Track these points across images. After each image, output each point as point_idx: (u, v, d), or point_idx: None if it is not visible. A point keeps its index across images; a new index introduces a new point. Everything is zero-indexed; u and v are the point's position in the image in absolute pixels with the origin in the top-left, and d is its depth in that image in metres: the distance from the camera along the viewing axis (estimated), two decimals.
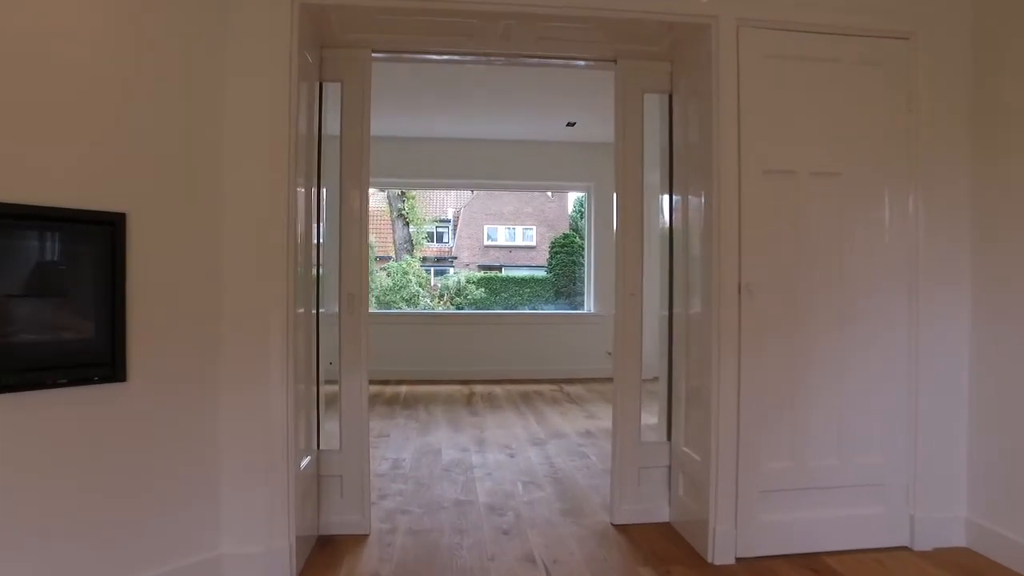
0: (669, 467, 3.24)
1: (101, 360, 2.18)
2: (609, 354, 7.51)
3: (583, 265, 20.16)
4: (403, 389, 7.14)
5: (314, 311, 3.16)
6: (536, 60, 3.45)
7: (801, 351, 2.80)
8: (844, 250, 2.82)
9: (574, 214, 25.60)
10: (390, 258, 16.16)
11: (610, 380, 7.35)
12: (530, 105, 6.61)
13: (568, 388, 7.29)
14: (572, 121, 7.16)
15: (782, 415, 2.79)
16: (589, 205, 8.10)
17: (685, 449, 3.06)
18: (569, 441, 4.90)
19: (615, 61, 3.28)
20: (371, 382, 6.77)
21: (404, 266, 11.54)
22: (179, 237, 2.38)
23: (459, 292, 12.37)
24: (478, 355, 7.87)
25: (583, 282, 20.14)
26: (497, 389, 7.21)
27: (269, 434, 2.51)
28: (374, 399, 6.54)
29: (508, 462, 4.31)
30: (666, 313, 3.48)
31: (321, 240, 3.24)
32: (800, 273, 2.80)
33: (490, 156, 7.83)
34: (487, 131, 7.51)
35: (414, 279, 11.38)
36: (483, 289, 18.72)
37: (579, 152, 7.95)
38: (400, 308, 11.11)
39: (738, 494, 2.74)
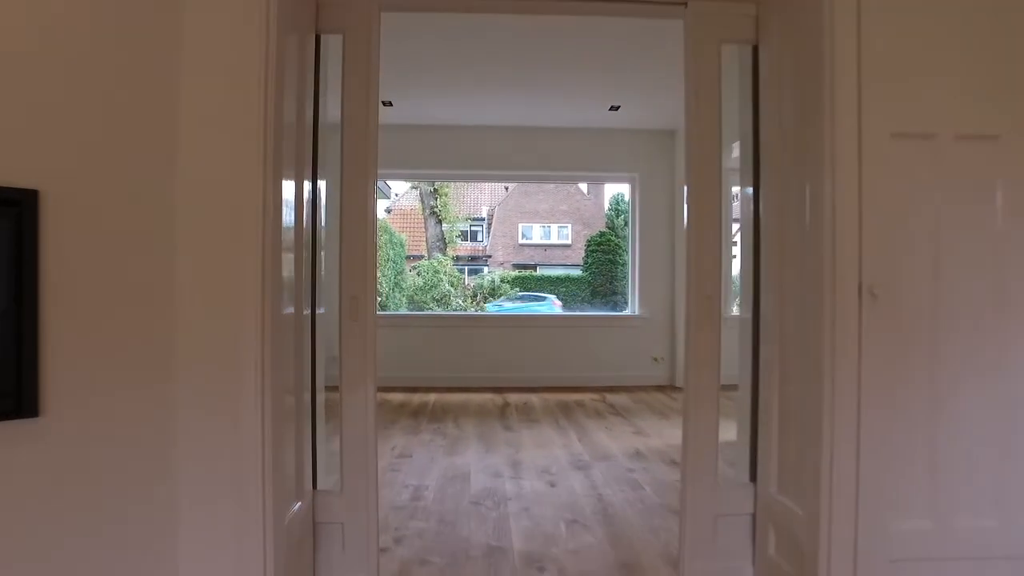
0: (754, 515, 2.56)
1: (1, 389, 1.59)
2: (656, 360, 6.81)
3: (620, 264, 19.46)
4: (432, 398, 6.54)
5: (308, 314, 2.51)
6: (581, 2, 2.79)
7: (944, 373, 2.08)
8: (1002, 238, 2.11)
9: (610, 212, 24.88)
10: (422, 257, 15.65)
11: (657, 389, 6.62)
12: (569, 86, 5.95)
13: (611, 398, 6.61)
14: (616, 105, 6.48)
15: (917, 457, 2.08)
16: (633, 198, 7.41)
17: (780, 498, 2.37)
18: (617, 465, 4.23)
19: (684, 4, 2.59)
20: (398, 390, 6.17)
21: (435, 265, 10.96)
22: (119, 225, 1.78)
23: (493, 292, 11.75)
24: (513, 360, 7.24)
25: (621, 281, 19.43)
26: (533, 399, 6.56)
27: (239, 479, 1.91)
28: (399, 410, 5.94)
29: (548, 492, 3.66)
30: (748, 316, 2.76)
31: (322, 237, 2.62)
32: (942, 270, 2.09)
33: (525, 145, 7.19)
34: (522, 117, 6.87)
35: (445, 278, 10.79)
36: (517, 288, 18.11)
37: (622, 140, 7.27)
38: (431, 309, 10.55)
39: (857, 563, 2.04)
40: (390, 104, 6.45)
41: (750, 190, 2.73)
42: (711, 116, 2.61)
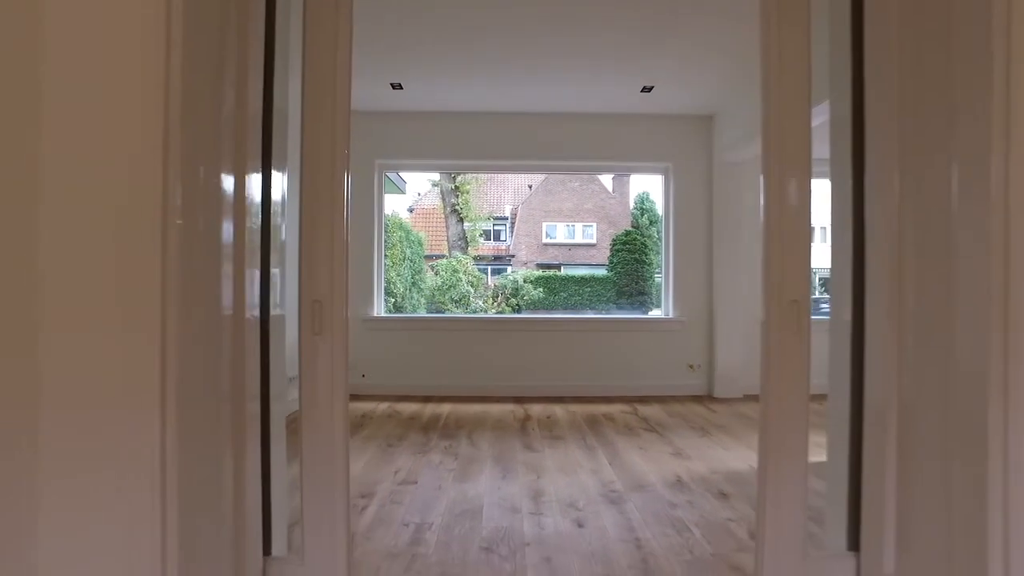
0: None
1: None
2: (691, 368, 6.12)
3: (647, 264, 18.72)
4: (446, 409, 5.93)
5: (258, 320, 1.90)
6: None
7: None
8: None
9: (635, 211, 24.16)
10: (444, 256, 15.09)
11: (694, 400, 5.83)
12: (597, 64, 5.29)
13: (643, 410, 5.94)
14: (648, 86, 5.81)
15: None
16: (667, 190, 6.72)
17: None
18: (656, 497, 3.57)
19: None
20: (411, 400, 5.55)
21: (454, 264, 10.36)
22: None
23: (515, 292, 11.14)
24: (535, 367, 6.61)
25: (647, 281, 18.66)
26: (557, 410, 5.92)
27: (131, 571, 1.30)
28: (409, 424, 5.34)
29: (574, 535, 3.01)
30: (846, 321, 2.10)
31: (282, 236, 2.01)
32: None
33: (548, 133, 6.56)
34: (545, 102, 6.24)
35: (464, 278, 10.19)
36: (541, 289, 17.52)
37: (654, 126, 6.60)
38: (450, 311, 9.96)
39: None
40: (400, 87, 5.86)
41: (847, 168, 2.06)
42: (798, 52, 1.95)
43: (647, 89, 5.89)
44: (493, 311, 10.26)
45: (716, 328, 6.53)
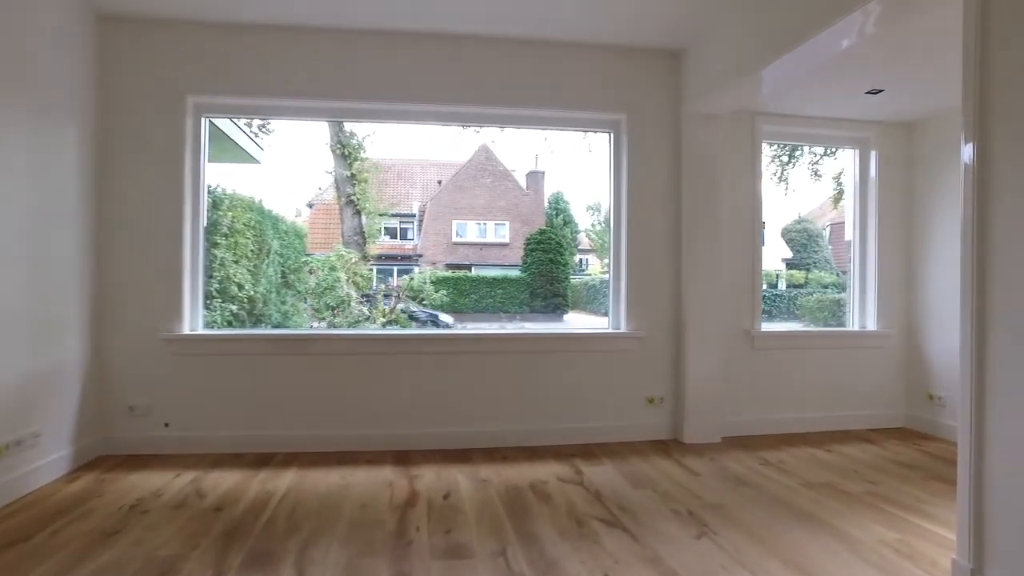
0: None
1: None
2: (652, 402, 4.07)
3: (562, 264, 16.82)
4: (284, 482, 3.61)
5: None
6: None
7: None
8: None
9: (549, 211, 22.41)
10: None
11: (656, 447, 3.64)
12: None
13: (591, 474, 3.82)
14: None
15: None
16: (617, 153, 4.65)
17: None
18: None
19: None
20: (237, 463, 3.16)
21: (332, 260, 7.95)
22: None
23: (415, 296, 8.86)
24: (431, 405, 4.38)
25: (562, 283, 16.77)
26: (461, 479, 3.71)
27: None
28: (210, 522, 2.97)
29: None
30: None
31: None
32: None
33: (446, 65, 4.35)
34: (443, 18, 4.03)
35: (345, 277, 7.82)
36: (450, 290, 15.24)
37: (600, 62, 4.52)
38: (324, 319, 7.55)
39: None
40: None
41: None
42: None
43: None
44: (383, 319, 7.92)
45: (686, 347, 4.52)
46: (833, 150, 12.45)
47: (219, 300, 5.45)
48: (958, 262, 4.79)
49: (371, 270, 10.49)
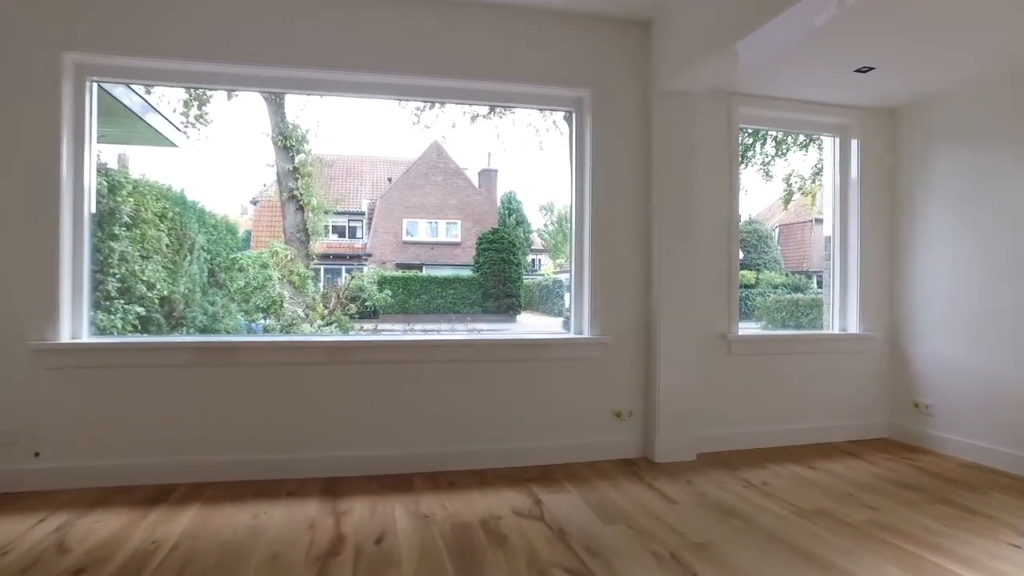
0: None
1: None
2: (620, 416, 3.51)
3: (515, 264, 16.35)
4: (179, 526, 2.89)
5: None
6: None
7: None
8: None
9: (502, 210, 21.87)
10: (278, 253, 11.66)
11: (624, 467, 3.34)
12: None
13: (553, 505, 3.23)
14: None
15: None
16: (580, 134, 4.07)
17: None
18: None
19: None
20: (126, 499, 2.46)
21: (263, 257, 7.15)
22: None
23: (356, 297, 8.14)
24: (365, 419, 3.71)
25: (515, 283, 16.26)
26: (397, 513, 3.06)
27: None
28: None
29: None
30: None
31: None
32: None
33: (388, 29, 3.70)
34: None
35: (278, 276, 7.05)
36: (398, 290, 14.57)
37: (563, 32, 3.93)
38: (257, 322, 6.77)
39: None
40: None
41: None
42: None
43: None
44: (320, 323, 7.18)
45: (657, 353, 3.97)
46: (783, 152, 12.26)
47: (122, 301, 4.65)
48: (947, 258, 4.48)
49: (314, 269, 9.68)
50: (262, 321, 6.41)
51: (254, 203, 20.66)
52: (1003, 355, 3.89)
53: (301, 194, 13.25)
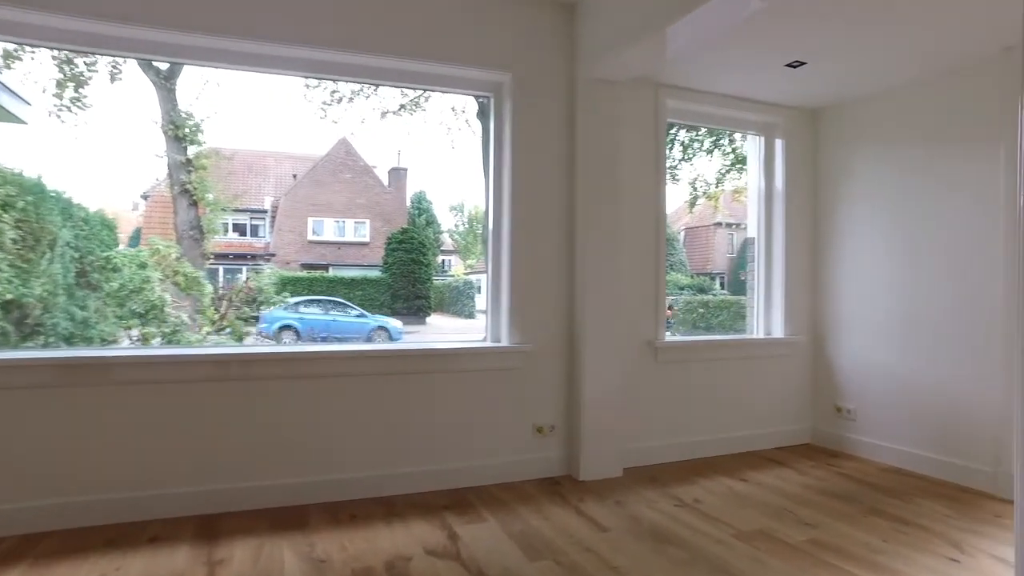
0: None
1: None
2: (541, 431, 3.18)
3: (425, 264, 15.92)
4: None
5: None
6: None
7: None
8: None
9: (412, 210, 21.26)
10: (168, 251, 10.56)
11: (546, 488, 2.66)
12: None
13: (470, 538, 2.80)
14: None
15: None
16: (498, 123, 3.67)
17: None
18: None
19: None
20: None
21: (140, 256, 6.32)
22: None
23: (253, 300, 7.41)
24: (253, 442, 3.15)
25: (424, 284, 15.81)
26: (286, 559, 2.55)
27: None
28: None
29: None
30: None
31: None
32: None
33: (306, 1, 3.17)
34: None
35: (157, 275, 6.25)
36: (303, 291, 13.75)
37: (481, 11, 3.53)
38: (131, 328, 5.96)
39: None
40: None
41: None
42: None
43: None
44: (209, 329, 6.44)
45: (582, 362, 3.63)
46: (690, 157, 12.40)
47: None
48: (869, 261, 4.35)
49: (210, 270, 8.81)
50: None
51: (145, 198, 19.07)
52: (921, 358, 3.82)
53: (195, 188, 12.20)
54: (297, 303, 10.97)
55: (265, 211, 22.55)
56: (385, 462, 3.35)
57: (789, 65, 3.62)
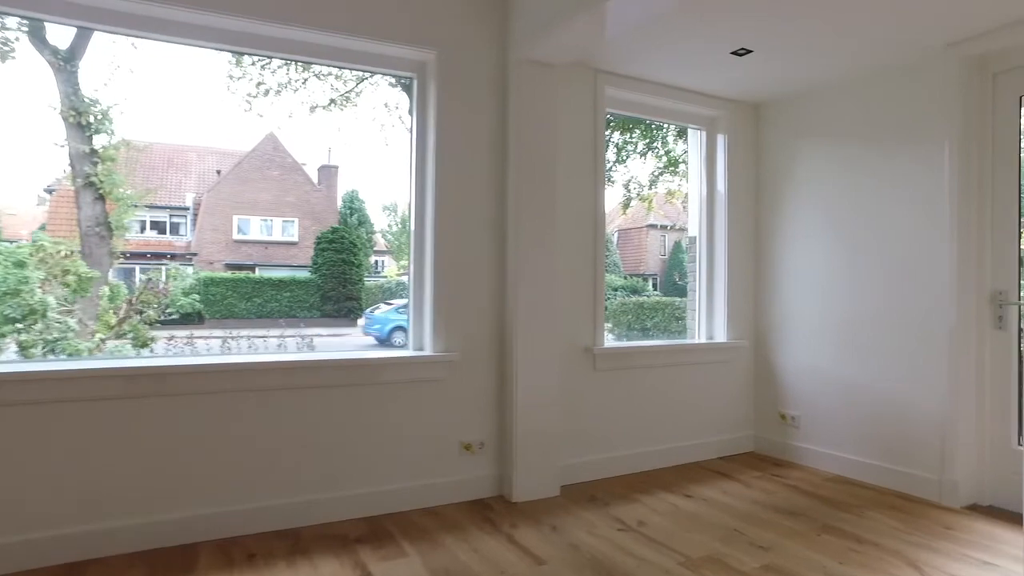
0: None
1: None
2: (470, 448, 2.82)
3: (356, 265, 15.38)
4: None
5: None
6: None
7: None
8: None
9: (343, 209, 20.59)
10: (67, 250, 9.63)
11: (479, 516, 2.43)
12: None
13: (385, 571, 2.43)
14: None
15: None
16: (422, 110, 3.28)
17: None
18: None
19: None
20: None
21: (19, 253, 5.61)
22: None
23: (167, 305, 6.74)
24: (131, 473, 2.66)
25: (355, 285, 15.28)
26: None
27: None
28: None
29: None
30: None
31: None
32: None
33: None
34: None
35: (38, 274, 5.56)
36: (226, 292, 12.97)
37: None
38: (9, 335, 5.26)
39: None
40: None
41: None
42: None
43: None
44: (103, 335, 5.78)
45: (513, 371, 3.28)
46: (624, 159, 12.29)
47: None
48: (809, 264, 3.83)
49: (121, 270, 8.01)
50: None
51: (50, 192, 17.67)
52: (864, 363, 3.65)
53: (101, 182, 11.24)
54: (400, 307, 10.14)
55: (187, 208, 21.33)
56: (290, 489, 2.91)
57: (735, 53, 3.38)
